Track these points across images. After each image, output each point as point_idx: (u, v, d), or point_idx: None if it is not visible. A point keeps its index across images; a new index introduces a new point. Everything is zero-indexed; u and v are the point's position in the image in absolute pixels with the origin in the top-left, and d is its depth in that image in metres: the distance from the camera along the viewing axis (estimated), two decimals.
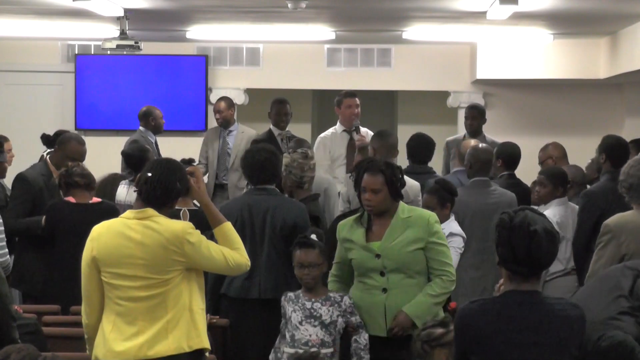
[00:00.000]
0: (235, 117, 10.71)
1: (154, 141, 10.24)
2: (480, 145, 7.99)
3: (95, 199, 7.25)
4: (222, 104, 10.62)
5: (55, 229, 7.13)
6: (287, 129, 10.01)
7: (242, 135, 10.52)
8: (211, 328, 5.79)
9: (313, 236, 5.70)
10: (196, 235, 4.69)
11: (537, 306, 3.88)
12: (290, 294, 5.66)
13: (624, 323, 4.38)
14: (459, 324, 3.94)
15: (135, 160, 8.05)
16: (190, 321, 4.69)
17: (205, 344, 4.76)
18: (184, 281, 4.69)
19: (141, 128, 10.27)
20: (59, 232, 7.10)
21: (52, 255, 7.15)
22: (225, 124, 10.54)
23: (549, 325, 3.85)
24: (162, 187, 4.68)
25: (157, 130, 10.30)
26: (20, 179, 7.58)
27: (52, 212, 7.18)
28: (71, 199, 7.15)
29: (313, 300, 5.57)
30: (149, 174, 4.70)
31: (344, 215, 6.55)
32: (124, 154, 8.39)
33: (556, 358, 3.86)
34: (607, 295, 4.50)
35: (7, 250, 6.90)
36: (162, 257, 4.63)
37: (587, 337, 4.01)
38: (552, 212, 7.19)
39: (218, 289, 6.21)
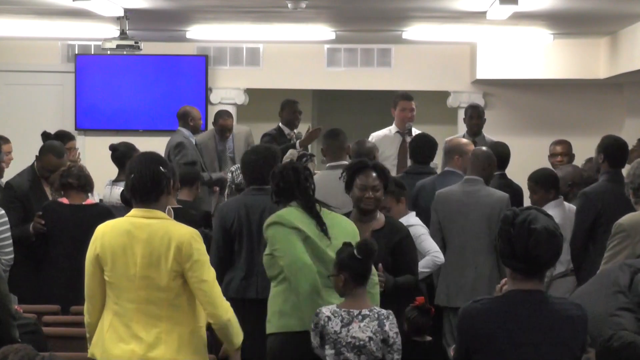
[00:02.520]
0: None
1: (194, 142, 10.24)
2: (480, 147, 7.99)
3: (90, 201, 7.24)
4: (231, 121, 10.66)
5: (48, 229, 7.12)
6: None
7: (239, 135, 10.56)
8: (210, 328, 5.78)
9: None
10: (200, 246, 4.65)
11: (540, 306, 3.88)
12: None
13: (623, 319, 4.40)
14: (462, 323, 3.94)
15: (119, 155, 8.07)
16: (189, 334, 4.65)
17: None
18: (186, 292, 4.66)
19: (180, 128, 10.26)
20: (52, 233, 7.09)
21: (46, 256, 7.14)
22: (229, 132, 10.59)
23: (551, 325, 3.85)
24: (150, 178, 4.64)
25: (195, 131, 10.32)
26: (5, 187, 7.58)
27: (45, 212, 7.16)
28: (65, 200, 7.14)
29: None
30: (132, 175, 4.68)
31: None
32: (111, 147, 8.39)
33: (558, 358, 3.86)
34: (605, 291, 4.51)
35: (12, 248, 6.90)
36: (164, 260, 4.59)
37: (589, 334, 4.01)
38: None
39: None
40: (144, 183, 4.65)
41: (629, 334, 4.20)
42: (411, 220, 6.96)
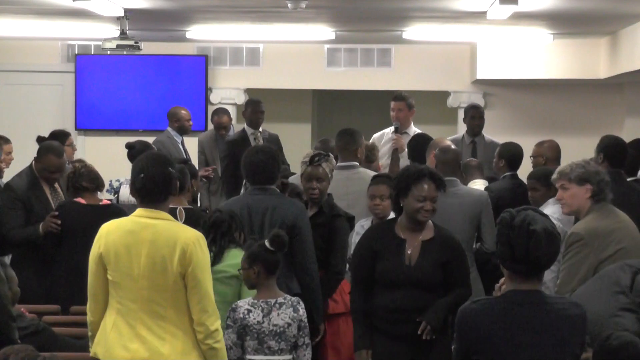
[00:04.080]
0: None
1: (180, 141, 10.25)
2: (449, 145, 7.84)
3: (105, 201, 7.27)
4: (227, 118, 10.70)
5: (64, 228, 7.12)
6: (262, 131, 10.07)
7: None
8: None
9: None
10: (205, 250, 4.65)
11: (539, 306, 3.88)
12: None
13: (625, 320, 4.41)
14: (461, 324, 3.94)
15: (136, 153, 8.09)
16: (194, 337, 4.63)
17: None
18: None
19: (168, 128, 10.31)
20: (67, 232, 7.09)
21: (58, 255, 7.14)
22: (228, 131, 10.61)
23: (550, 324, 3.85)
24: (161, 179, 4.64)
25: (182, 131, 10.31)
26: (5, 188, 7.55)
27: (61, 212, 7.17)
28: (81, 200, 7.15)
29: None
30: (142, 175, 4.66)
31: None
32: (127, 145, 8.41)
33: (558, 357, 3.86)
34: (607, 291, 4.52)
35: None
36: (169, 261, 4.58)
37: (590, 334, 4.01)
38: (550, 210, 7.16)
39: None
40: (155, 184, 4.64)
41: (627, 334, 4.21)
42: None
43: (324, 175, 6.58)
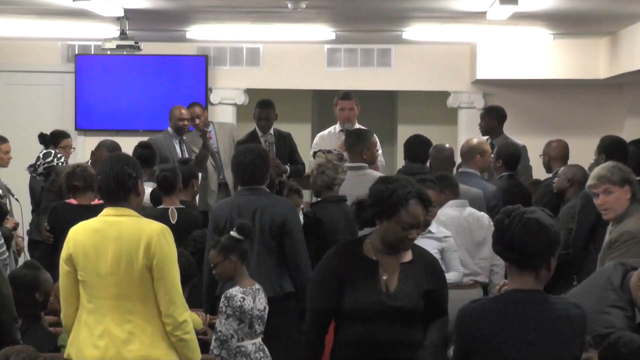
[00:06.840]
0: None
1: (177, 141, 10.04)
2: (443, 144, 7.87)
3: (98, 201, 7.28)
4: (198, 109, 10.44)
5: (56, 230, 7.15)
6: (273, 131, 9.93)
7: (221, 131, 10.49)
8: (211, 327, 5.83)
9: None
10: (170, 243, 4.68)
11: (539, 305, 3.88)
12: None
13: (612, 317, 4.45)
14: (461, 324, 3.95)
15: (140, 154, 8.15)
16: (162, 330, 4.65)
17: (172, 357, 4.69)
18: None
19: (169, 128, 10.16)
20: (60, 234, 7.12)
21: (54, 257, 7.16)
22: (204, 126, 10.47)
23: (550, 324, 3.86)
24: (113, 177, 4.70)
25: (177, 130, 10.05)
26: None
27: (53, 214, 7.20)
28: (72, 201, 7.17)
29: None
30: (99, 175, 4.79)
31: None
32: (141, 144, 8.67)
33: (558, 357, 3.87)
34: (598, 289, 4.56)
35: (5, 248, 6.98)
36: (135, 256, 4.62)
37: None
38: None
39: (213, 290, 6.22)
40: (108, 183, 4.72)
41: (634, 338, 4.23)
42: (443, 229, 6.64)
43: None
